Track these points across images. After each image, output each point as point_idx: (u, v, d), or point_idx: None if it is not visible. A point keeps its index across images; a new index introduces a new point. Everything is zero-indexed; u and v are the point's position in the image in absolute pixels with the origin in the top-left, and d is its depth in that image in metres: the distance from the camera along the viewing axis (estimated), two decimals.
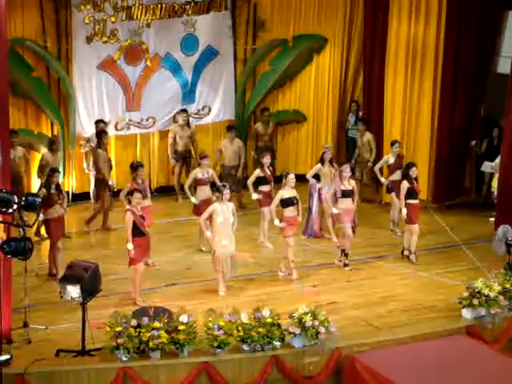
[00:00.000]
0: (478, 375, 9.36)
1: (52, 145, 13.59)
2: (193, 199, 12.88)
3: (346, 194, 12.26)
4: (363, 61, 16.24)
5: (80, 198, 14.72)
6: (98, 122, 14.44)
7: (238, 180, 14.60)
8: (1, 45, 9.42)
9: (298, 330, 9.55)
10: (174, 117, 15.45)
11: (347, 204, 12.27)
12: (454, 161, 14.79)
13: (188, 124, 15.15)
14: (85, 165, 14.49)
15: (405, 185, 12.51)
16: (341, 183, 12.27)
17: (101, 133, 13.98)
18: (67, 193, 13.64)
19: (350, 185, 12.35)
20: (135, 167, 12.33)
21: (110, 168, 14.18)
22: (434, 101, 14.62)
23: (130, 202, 11.06)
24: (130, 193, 11.18)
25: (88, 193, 14.59)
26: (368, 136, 15.18)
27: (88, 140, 14.48)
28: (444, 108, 14.53)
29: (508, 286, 10.64)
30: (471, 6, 14.20)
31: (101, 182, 13.72)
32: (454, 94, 14.48)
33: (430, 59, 14.53)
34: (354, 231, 12.35)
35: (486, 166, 15.04)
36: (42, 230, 12.52)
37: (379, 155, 15.06)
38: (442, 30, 14.32)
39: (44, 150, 14.00)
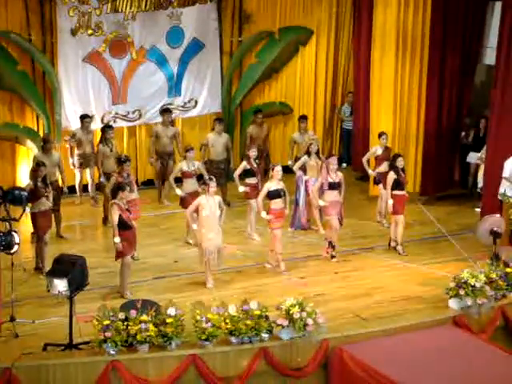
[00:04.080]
0: (464, 365, 9.41)
1: (44, 145, 12.96)
2: (178, 191, 12.85)
3: (333, 186, 12.26)
4: (353, 52, 16.27)
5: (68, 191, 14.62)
6: (83, 117, 14.35)
7: (225, 174, 14.37)
8: None
9: (285, 322, 9.55)
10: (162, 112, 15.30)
11: (334, 196, 12.27)
12: (443, 152, 14.81)
13: (172, 123, 14.85)
14: (71, 160, 14.41)
15: (391, 176, 12.54)
16: (328, 175, 12.28)
17: (104, 128, 13.86)
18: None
19: (337, 177, 12.36)
20: (123, 161, 12.26)
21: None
22: (421, 92, 14.65)
23: (115, 196, 11.01)
24: (116, 186, 11.14)
25: (75, 186, 14.53)
26: None
27: (73, 135, 14.39)
28: (431, 99, 14.54)
29: (494, 276, 10.69)
30: None
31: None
32: (441, 86, 14.49)
33: (416, 50, 14.53)
34: (340, 223, 12.38)
35: (472, 157, 15.09)
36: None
37: (367, 147, 15.09)
38: (427, 23, 14.32)
39: (35, 149, 13.88)
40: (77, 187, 14.51)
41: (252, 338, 9.48)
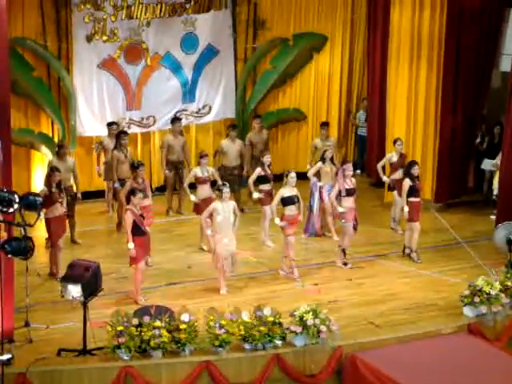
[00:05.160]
0: (479, 373, 9.36)
1: (59, 150, 13.00)
2: (192, 197, 12.86)
3: (350, 192, 12.25)
4: (367, 58, 16.26)
5: (82, 197, 14.63)
6: (110, 125, 14.28)
7: (239, 180, 14.35)
8: (2, 44, 9.42)
9: (299, 329, 9.55)
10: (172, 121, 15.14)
11: (350, 202, 12.25)
12: (457, 159, 14.75)
13: (181, 132, 14.69)
14: (97, 167, 14.45)
15: (407, 183, 12.50)
16: (344, 182, 12.25)
17: (119, 134, 13.83)
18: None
19: (351, 183, 12.34)
20: (136, 166, 12.30)
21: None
22: (437, 98, 14.60)
23: (129, 202, 11.04)
24: (131, 192, 11.18)
25: (90, 192, 14.54)
26: None
27: (100, 142, 14.41)
28: (446, 105, 14.49)
29: (509, 283, 10.65)
30: (473, 3, 14.17)
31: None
32: (456, 92, 14.45)
33: (432, 57, 14.48)
34: (355, 229, 12.34)
35: (487, 164, 15.03)
36: None
37: (381, 153, 15.05)
38: (443, 29, 14.28)
39: (49, 155, 13.92)
40: (106, 198, 14.40)
41: (265, 344, 9.47)
